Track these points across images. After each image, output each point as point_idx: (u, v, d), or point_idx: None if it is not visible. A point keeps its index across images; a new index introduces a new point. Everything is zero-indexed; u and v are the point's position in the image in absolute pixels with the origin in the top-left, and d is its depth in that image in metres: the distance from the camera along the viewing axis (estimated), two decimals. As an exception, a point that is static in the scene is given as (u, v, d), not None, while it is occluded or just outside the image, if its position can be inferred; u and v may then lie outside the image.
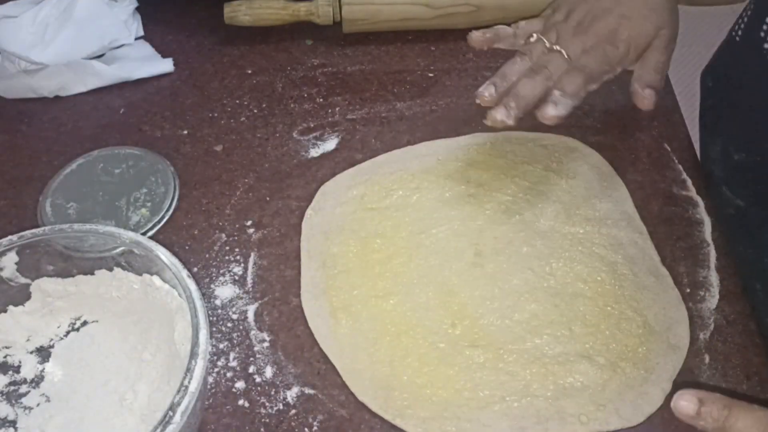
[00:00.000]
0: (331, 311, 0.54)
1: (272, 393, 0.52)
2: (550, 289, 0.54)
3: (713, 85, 0.71)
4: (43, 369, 0.52)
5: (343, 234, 0.58)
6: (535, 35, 0.60)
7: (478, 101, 0.57)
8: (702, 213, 0.61)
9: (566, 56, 0.57)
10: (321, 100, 0.71)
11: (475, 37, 0.62)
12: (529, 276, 0.55)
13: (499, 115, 0.55)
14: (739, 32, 0.64)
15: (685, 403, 0.44)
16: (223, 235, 0.61)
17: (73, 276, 0.53)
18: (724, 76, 0.69)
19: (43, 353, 0.52)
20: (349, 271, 0.56)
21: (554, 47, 0.58)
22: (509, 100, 0.56)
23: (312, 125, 0.68)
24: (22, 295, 0.52)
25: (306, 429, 0.50)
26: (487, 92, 0.56)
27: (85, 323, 0.53)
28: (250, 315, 0.56)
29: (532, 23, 0.63)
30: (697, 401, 0.43)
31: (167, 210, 0.62)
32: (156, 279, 0.50)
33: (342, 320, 0.53)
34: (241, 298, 0.57)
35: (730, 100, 0.67)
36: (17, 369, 0.52)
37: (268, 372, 0.53)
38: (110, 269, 0.52)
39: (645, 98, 0.60)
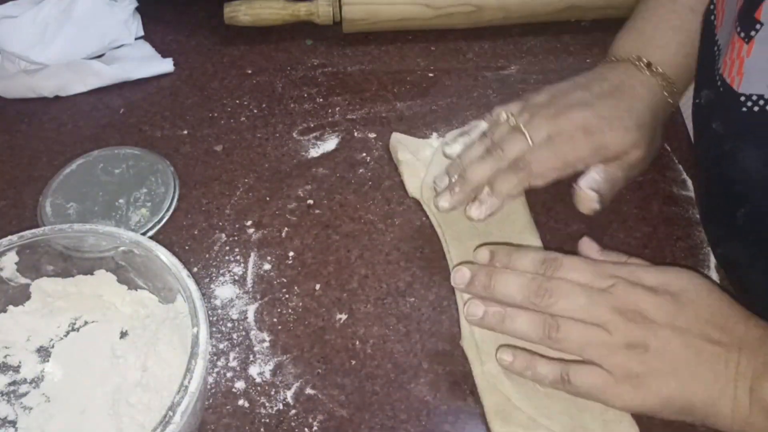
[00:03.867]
0: None
1: (272, 393, 0.52)
2: None
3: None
4: (43, 369, 0.52)
5: None
6: (505, 114, 0.58)
7: (426, 208, 0.58)
8: (702, 213, 0.61)
9: (528, 139, 0.55)
10: (321, 100, 0.71)
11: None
12: None
13: (442, 201, 0.55)
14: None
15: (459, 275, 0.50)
16: (223, 235, 0.61)
17: (73, 276, 0.53)
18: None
19: (43, 353, 0.52)
20: None
21: (520, 126, 0.56)
22: (455, 184, 0.55)
23: (312, 125, 0.69)
24: (22, 295, 0.52)
25: (306, 429, 0.50)
26: (441, 183, 0.57)
27: (85, 323, 0.53)
28: (250, 315, 0.56)
29: (510, 107, 0.59)
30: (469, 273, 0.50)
31: (167, 210, 0.62)
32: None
33: None
34: (241, 298, 0.57)
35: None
36: (17, 369, 0.52)
37: (268, 372, 0.53)
38: (110, 269, 0.52)
39: (588, 199, 0.55)
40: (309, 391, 0.52)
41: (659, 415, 0.47)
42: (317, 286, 0.57)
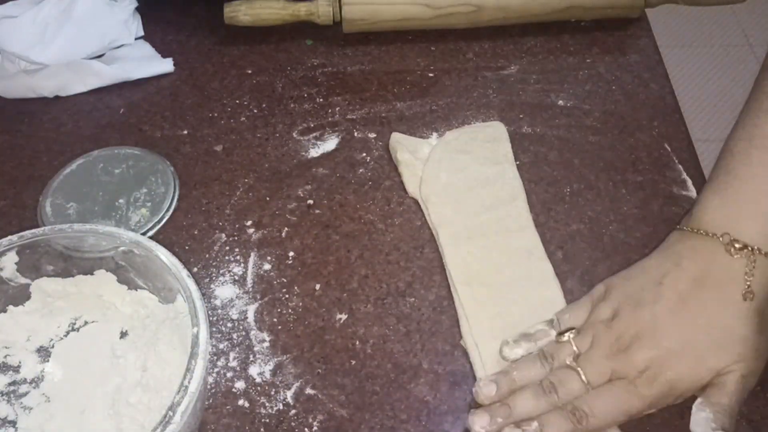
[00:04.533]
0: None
1: (272, 393, 0.52)
2: None
3: None
4: (43, 369, 0.52)
5: None
6: (567, 336, 0.50)
7: (474, 394, 0.50)
8: (702, 213, 0.61)
9: (584, 380, 0.47)
10: (321, 100, 0.71)
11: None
12: None
13: (477, 426, 0.47)
14: None
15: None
16: (223, 235, 0.61)
17: (73, 276, 0.53)
18: None
19: (43, 353, 0.52)
20: None
21: (576, 367, 0.48)
22: (498, 411, 0.47)
23: (312, 125, 0.69)
24: (22, 295, 0.52)
25: (306, 429, 0.50)
26: (486, 391, 0.49)
27: (85, 323, 0.53)
28: (250, 315, 0.56)
29: (577, 313, 0.51)
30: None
31: (167, 210, 0.62)
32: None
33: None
34: (241, 298, 0.57)
35: None
36: (17, 369, 0.52)
37: (268, 372, 0.53)
38: (110, 269, 0.52)
39: None
40: (309, 391, 0.52)
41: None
42: (317, 286, 0.57)
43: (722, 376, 0.47)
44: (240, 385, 0.52)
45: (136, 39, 0.75)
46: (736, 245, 0.48)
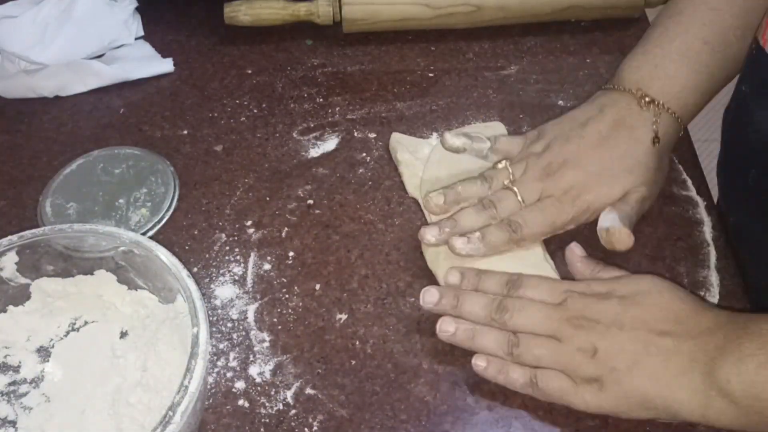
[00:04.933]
0: None
1: (272, 393, 0.52)
2: None
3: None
4: (43, 369, 0.52)
5: None
6: (504, 162, 0.59)
7: (423, 203, 0.59)
8: (702, 213, 0.61)
9: (520, 199, 0.57)
10: (321, 100, 0.71)
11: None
12: None
13: (428, 234, 0.56)
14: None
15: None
16: (223, 235, 0.61)
17: (73, 276, 0.53)
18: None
19: (43, 353, 0.52)
20: None
21: (512, 187, 0.57)
22: (446, 224, 0.56)
23: (312, 125, 0.69)
24: (22, 295, 0.52)
25: (306, 429, 0.50)
26: (435, 200, 0.57)
27: (85, 323, 0.53)
28: (250, 315, 0.56)
29: (512, 143, 0.60)
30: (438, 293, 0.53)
31: (167, 210, 0.62)
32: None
33: None
34: (241, 298, 0.57)
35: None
36: (17, 369, 0.52)
37: (268, 372, 0.53)
38: (110, 269, 0.52)
39: (625, 233, 0.55)
40: (309, 391, 0.52)
41: (625, 413, 0.48)
42: (317, 286, 0.57)
43: (628, 195, 0.57)
44: (240, 385, 0.52)
45: (136, 39, 0.75)
46: (646, 99, 0.58)
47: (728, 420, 0.45)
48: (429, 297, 0.53)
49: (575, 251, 0.56)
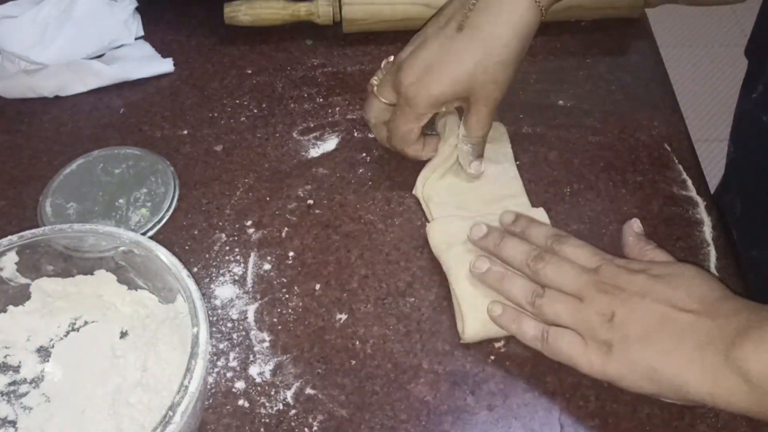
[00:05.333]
0: None
1: (272, 393, 0.52)
2: None
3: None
4: (43, 369, 0.52)
5: None
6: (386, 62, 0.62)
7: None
8: (702, 213, 0.61)
9: (382, 99, 0.60)
10: (321, 100, 0.71)
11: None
12: None
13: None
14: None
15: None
16: (223, 235, 0.61)
17: (73, 276, 0.53)
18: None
19: (43, 353, 0.52)
20: None
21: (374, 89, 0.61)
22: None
23: (312, 125, 0.69)
24: (22, 295, 0.52)
25: (306, 429, 0.50)
26: (476, 231, 0.56)
27: (85, 323, 0.53)
28: (250, 315, 0.56)
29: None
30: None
31: (167, 210, 0.62)
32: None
33: None
34: (241, 298, 0.57)
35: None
36: (17, 369, 0.52)
37: (268, 372, 0.53)
38: (110, 269, 0.52)
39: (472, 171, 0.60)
40: (309, 391, 0.52)
41: (629, 383, 0.48)
42: (317, 286, 0.57)
43: (478, 92, 0.57)
44: (240, 385, 0.52)
45: (136, 39, 0.75)
46: None
47: (737, 399, 0.45)
48: (477, 231, 0.55)
49: (633, 226, 0.56)
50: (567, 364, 0.50)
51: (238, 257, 0.59)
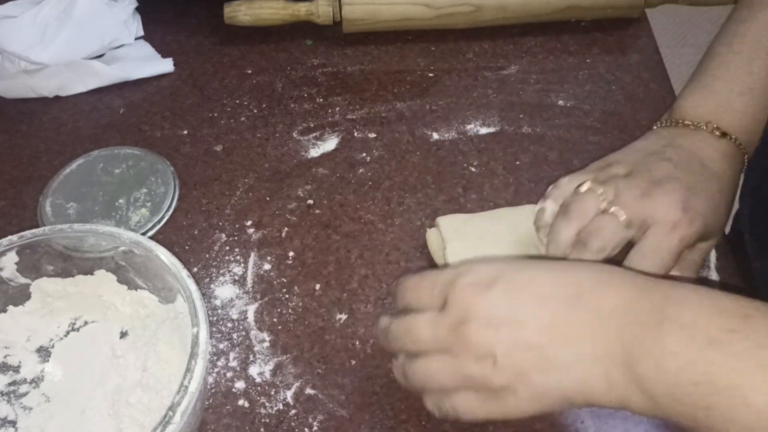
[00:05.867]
0: None
1: (272, 393, 0.52)
2: None
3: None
4: (43, 369, 0.52)
5: None
6: (587, 184, 0.51)
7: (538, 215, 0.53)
8: (702, 213, 0.61)
9: (623, 221, 0.49)
10: (321, 100, 0.71)
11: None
12: None
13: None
14: None
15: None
16: (223, 235, 0.61)
17: (73, 276, 0.53)
18: None
19: (43, 353, 0.52)
20: None
21: (610, 208, 0.49)
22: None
23: (312, 125, 0.69)
24: (22, 295, 0.52)
25: (306, 429, 0.50)
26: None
27: (85, 323, 0.53)
28: (250, 315, 0.56)
29: (576, 177, 0.53)
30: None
31: (167, 210, 0.62)
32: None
33: None
34: (241, 298, 0.57)
35: None
36: (17, 369, 0.52)
37: (268, 372, 0.53)
38: (110, 269, 0.52)
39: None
40: (309, 391, 0.52)
41: (546, 410, 0.42)
42: (317, 286, 0.57)
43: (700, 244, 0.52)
44: (240, 385, 0.52)
45: (136, 39, 0.75)
46: (717, 133, 0.54)
47: (648, 413, 0.40)
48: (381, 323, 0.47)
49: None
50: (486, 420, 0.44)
51: (238, 257, 0.59)
